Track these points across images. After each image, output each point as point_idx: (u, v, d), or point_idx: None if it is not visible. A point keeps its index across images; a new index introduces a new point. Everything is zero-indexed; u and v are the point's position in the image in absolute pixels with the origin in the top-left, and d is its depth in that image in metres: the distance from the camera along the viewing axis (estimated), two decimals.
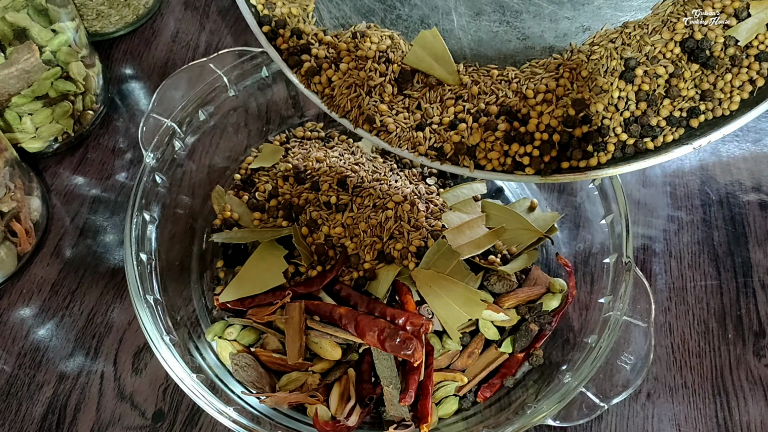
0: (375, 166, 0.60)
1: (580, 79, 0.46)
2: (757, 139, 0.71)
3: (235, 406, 0.47)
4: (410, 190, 0.58)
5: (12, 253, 0.58)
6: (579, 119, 0.45)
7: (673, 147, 0.44)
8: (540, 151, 0.46)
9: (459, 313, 0.51)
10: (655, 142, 0.45)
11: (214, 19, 0.80)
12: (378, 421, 0.51)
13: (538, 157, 0.46)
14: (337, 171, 0.58)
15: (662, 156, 0.44)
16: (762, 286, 0.61)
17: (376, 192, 0.57)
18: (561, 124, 0.45)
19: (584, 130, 0.45)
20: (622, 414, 0.54)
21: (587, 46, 0.47)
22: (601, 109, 0.45)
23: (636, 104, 0.45)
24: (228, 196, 0.61)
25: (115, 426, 0.52)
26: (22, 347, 0.56)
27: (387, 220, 0.55)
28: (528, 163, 0.46)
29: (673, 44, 0.44)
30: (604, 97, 0.45)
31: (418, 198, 0.58)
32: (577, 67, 0.46)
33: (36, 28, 0.58)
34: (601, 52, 0.46)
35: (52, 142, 0.65)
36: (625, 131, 0.45)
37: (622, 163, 0.45)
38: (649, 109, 0.45)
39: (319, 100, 0.49)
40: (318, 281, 0.54)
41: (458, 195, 0.60)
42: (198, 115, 0.59)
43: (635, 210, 0.65)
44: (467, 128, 0.47)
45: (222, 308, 0.55)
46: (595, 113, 0.45)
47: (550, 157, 0.46)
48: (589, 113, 0.45)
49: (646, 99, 0.44)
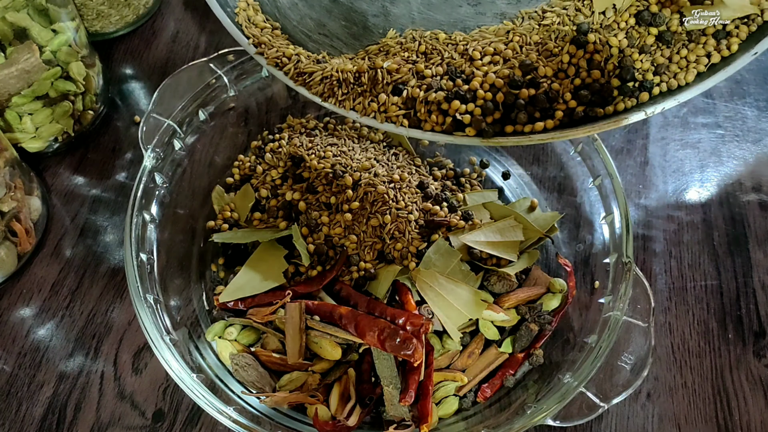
0: (384, 160, 0.60)
1: (531, 43, 0.44)
2: (757, 139, 0.71)
3: (235, 406, 0.47)
4: (413, 204, 0.57)
5: (12, 253, 0.58)
6: (526, 81, 0.43)
7: (624, 114, 0.42)
8: (482, 111, 0.43)
9: (459, 312, 0.51)
10: (606, 109, 0.43)
11: (214, 19, 0.78)
12: (378, 421, 0.51)
13: (480, 116, 0.43)
14: (330, 167, 0.58)
15: (612, 123, 0.42)
16: (762, 286, 0.61)
17: (371, 197, 0.56)
18: (506, 85, 0.43)
19: (531, 93, 0.43)
20: (622, 414, 0.54)
21: (538, 12, 0.46)
22: (550, 73, 0.43)
23: (588, 72, 0.43)
24: (228, 196, 0.61)
25: (115, 426, 0.52)
26: (22, 347, 0.56)
27: (385, 225, 0.55)
28: (469, 123, 0.43)
29: (628, 15, 0.43)
30: (553, 60, 0.43)
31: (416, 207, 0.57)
32: (527, 33, 0.45)
33: (36, 28, 0.58)
34: (553, 17, 0.44)
35: (52, 142, 0.65)
36: (575, 98, 0.43)
37: (569, 129, 0.43)
38: (602, 77, 0.43)
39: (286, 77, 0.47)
40: (318, 281, 0.54)
41: (468, 201, 0.60)
42: (198, 115, 0.59)
43: (635, 210, 0.66)
44: (409, 88, 0.45)
45: (222, 308, 0.55)
46: (543, 77, 0.43)
47: (493, 119, 0.44)
48: (537, 76, 0.43)
49: (599, 67, 0.43)
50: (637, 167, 0.69)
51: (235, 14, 0.47)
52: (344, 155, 0.60)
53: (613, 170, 0.56)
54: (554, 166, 0.63)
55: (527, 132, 0.44)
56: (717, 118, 0.73)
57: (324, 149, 0.60)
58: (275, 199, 0.59)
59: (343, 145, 0.62)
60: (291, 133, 0.64)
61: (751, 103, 0.74)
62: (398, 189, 0.57)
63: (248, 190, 0.61)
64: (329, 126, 0.66)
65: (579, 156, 0.59)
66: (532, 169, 0.65)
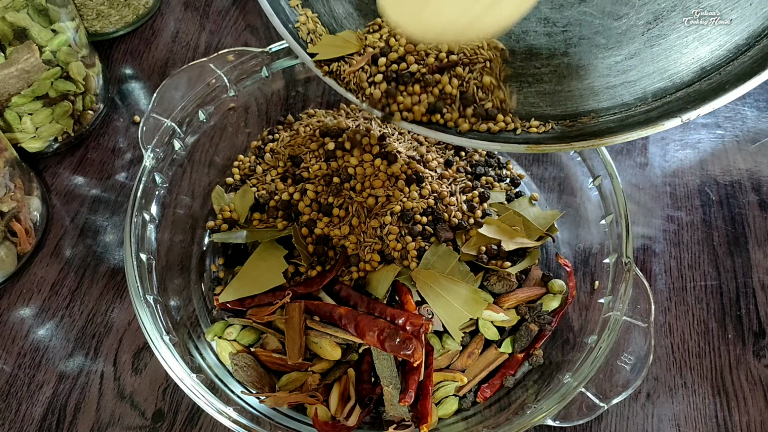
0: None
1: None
2: (757, 139, 0.71)
3: (235, 406, 0.47)
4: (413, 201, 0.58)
5: (12, 253, 0.58)
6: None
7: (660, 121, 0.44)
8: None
9: (460, 312, 0.52)
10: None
11: (214, 19, 0.80)
12: (378, 421, 0.51)
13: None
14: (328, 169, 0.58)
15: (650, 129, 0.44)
16: (762, 286, 0.61)
17: (369, 200, 0.56)
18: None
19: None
20: (622, 414, 0.54)
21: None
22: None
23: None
24: (228, 196, 0.61)
25: (115, 426, 0.52)
26: (22, 347, 0.56)
27: (385, 226, 0.55)
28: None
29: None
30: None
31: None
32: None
33: (36, 28, 0.58)
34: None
35: (52, 142, 0.65)
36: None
37: (616, 134, 0.45)
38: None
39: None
40: (318, 281, 0.54)
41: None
42: (198, 115, 0.59)
43: (635, 210, 0.65)
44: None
45: (222, 308, 0.55)
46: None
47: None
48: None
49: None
50: (637, 167, 0.69)
51: (296, 29, 0.48)
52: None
53: (613, 170, 0.56)
54: (554, 166, 0.63)
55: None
56: (717, 118, 0.73)
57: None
58: (274, 199, 0.59)
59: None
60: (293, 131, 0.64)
61: (751, 104, 0.74)
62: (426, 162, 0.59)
63: (248, 190, 0.61)
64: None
65: (579, 156, 0.59)
66: (532, 169, 0.65)
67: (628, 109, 0.46)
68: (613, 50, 0.47)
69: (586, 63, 0.47)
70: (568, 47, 0.48)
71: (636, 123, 0.44)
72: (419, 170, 0.58)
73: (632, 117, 0.45)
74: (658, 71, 0.45)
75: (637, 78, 0.46)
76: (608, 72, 0.47)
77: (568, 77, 0.48)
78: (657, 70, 0.45)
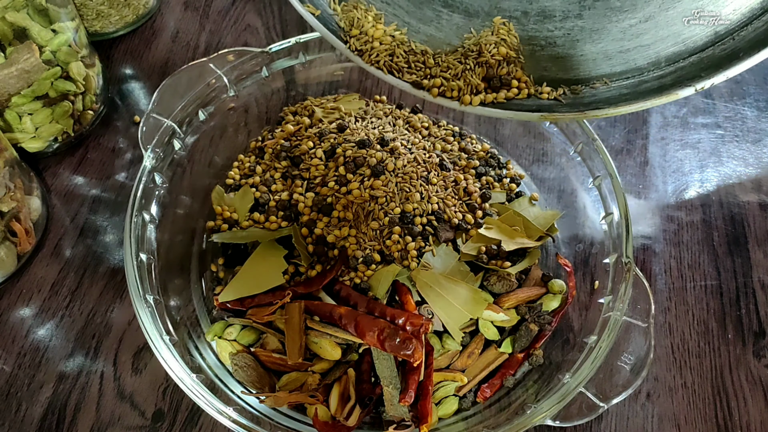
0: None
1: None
2: (757, 139, 0.71)
3: (235, 406, 0.47)
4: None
5: (12, 253, 0.58)
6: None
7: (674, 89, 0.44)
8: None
9: (460, 312, 0.52)
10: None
11: (214, 19, 0.80)
12: (378, 421, 0.51)
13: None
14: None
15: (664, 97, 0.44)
16: (762, 286, 0.61)
17: (369, 204, 0.56)
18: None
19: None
20: (622, 414, 0.54)
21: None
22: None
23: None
24: (228, 196, 0.61)
25: (115, 426, 0.52)
26: (22, 347, 0.56)
27: (384, 227, 0.55)
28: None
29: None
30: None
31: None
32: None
33: (36, 28, 0.58)
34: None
35: (52, 142, 0.65)
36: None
37: (636, 101, 0.45)
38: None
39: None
40: (318, 281, 0.54)
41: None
42: (198, 115, 0.59)
43: (635, 210, 0.65)
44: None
45: (222, 308, 0.55)
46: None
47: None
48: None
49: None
50: (637, 167, 0.69)
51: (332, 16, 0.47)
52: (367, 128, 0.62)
53: (613, 170, 0.56)
54: (554, 166, 0.63)
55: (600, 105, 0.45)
56: (717, 118, 0.73)
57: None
58: (274, 199, 0.59)
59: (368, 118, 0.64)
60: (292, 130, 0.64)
61: (751, 104, 0.74)
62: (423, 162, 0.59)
63: (248, 190, 0.61)
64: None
65: (579, 156, 0.59)
66: (532, 169, 0.65)
67: (641, 74, 0.45)
68: (628, 13, 0.46)
69: (600, 26, 0.46)
70: (582, 9, 0.47)
71: (650, 90, 0.44)
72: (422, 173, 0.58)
73: (645, 83, 0.45)
74: (673, 35, 0.45)
75: (651, 42, 0.45)
76: (622, 36, 0.46)
77: (582, 41, 0.47)
78: (671, 34, 0.45)
